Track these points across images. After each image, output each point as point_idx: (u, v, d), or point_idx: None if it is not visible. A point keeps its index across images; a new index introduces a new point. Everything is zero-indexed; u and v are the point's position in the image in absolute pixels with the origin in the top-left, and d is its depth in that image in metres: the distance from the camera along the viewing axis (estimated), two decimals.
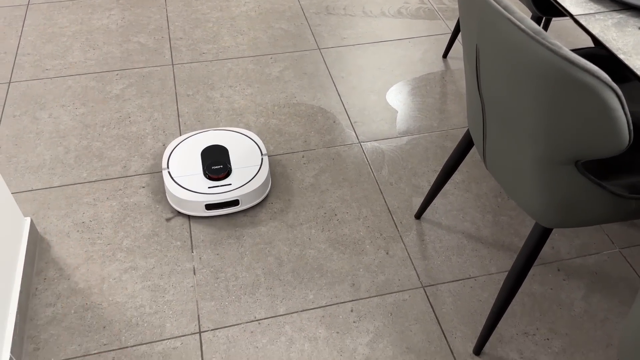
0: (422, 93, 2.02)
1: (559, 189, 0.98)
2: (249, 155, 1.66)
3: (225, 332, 1.34)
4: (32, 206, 1.61)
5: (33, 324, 1.35)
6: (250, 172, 1.61)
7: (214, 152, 1.65)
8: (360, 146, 1.82)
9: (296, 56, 2.16)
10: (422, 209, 1.59)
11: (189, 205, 1.55)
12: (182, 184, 1.57)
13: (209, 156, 1.64)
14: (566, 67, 0.78)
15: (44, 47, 2.16)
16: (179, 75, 2.06)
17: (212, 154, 1.65)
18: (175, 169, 1.61)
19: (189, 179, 1.58)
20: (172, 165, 1.62)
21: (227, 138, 1.71)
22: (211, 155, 1.64)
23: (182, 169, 1.61)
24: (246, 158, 1.65)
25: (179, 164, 1.63)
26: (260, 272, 1.47)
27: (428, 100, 2.00)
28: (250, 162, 1.63)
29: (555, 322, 1.38)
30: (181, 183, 1.57)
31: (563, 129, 0.86)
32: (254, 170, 1.62)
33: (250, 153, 1.66)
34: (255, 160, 1.64)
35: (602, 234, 1.58)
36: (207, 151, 1.66)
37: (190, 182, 1.58)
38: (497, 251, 1.53)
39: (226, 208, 1.57)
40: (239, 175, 1.60)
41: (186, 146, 1.68)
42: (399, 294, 1.43)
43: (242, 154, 1.66)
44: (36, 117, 1.88)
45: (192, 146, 1.68)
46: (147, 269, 1.47)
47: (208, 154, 1.65)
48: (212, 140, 1.70)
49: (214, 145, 1.68)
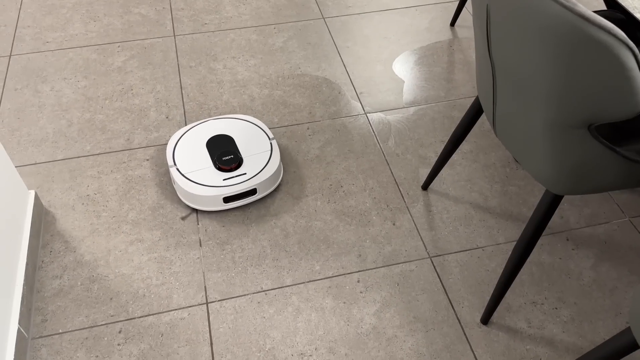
0: (429, 62, 1.98)
1: (571, 154, 0.95)
2: (257, 142, 1.59)
3: (232, 302, 1.34)
4: (36, 179, 1.60)
5: (40, 296, 1.35)
6: (262, 159, 1.56)
7: (220, 142, 1.58)
8: (366, 117, 1.80)
9: (300, 26, 2.12)
10: (429, 180, 1.57)
11: (205, 200, 1.49)
12: (195, 180, 1.50)
13: (216, 147, 1.57)
14: (581, 24, 0.75)
15: (44, 19, 2.13)
16: (181, 46, 2.03)
17: (219, 145, 1.57)
18: (183, 164, 1.53)
19: (201, 174, 1.51)
20: (179, 161, 1.54)
21: (230, 126, 1.64)
22: (218, 146, 1.57)
23: (190, 164, 1.54)
24: (255, 145, 1.59)
25: (185, 159, 1.54)
26: (266, 244, 1.46)
27: (435, 70, 1.96)
28: (259, 148, 1.58)
29: (564, 291, 1.37)
30: (193, 179, 1.50)
31: (577, 90, 0.83)
32: (265, 157, 1.56)
33: (257, 139, 1.60)
34: (264, 146, 1.58)
35: (612, 203, 1.56)
36: (212, 142, 1.58)
37: (203, 177, 1.51)
38: (505, 221, 1.52)
39: (244, 199, 1.52)
40: (252, 164, 1.54)
41: (189, 139, 1.60)
42: (405, 265, 1.42)
43: (250, 140, 1.60)
44: (38, 90, 1.86)
45: (195, 139, 1.60)
46: (153, 241, 1.46)
47: (214, 145, 1.57)
48: (215, 131, 1.62)
49: (218, 135, 1.60)
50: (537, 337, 1.29)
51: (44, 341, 1.28)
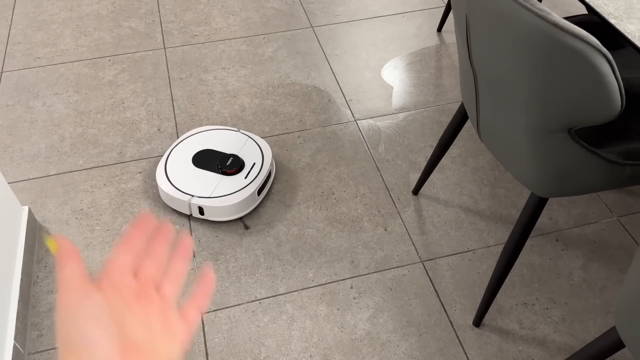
0: (417, 68, 2.01)
1: (553, 157, 0.97)
2: (235, 140, 1.63)
3: (227, 312, 1.36)
4: (30, 195, 1.61)
5: (35, 312, 1.36)
6: (252, 149, 1.60)
7: (208, 156, 1.57)
8: (356, 124, 1.82)
9: (289, 35, 2.14)
10: (419, 185, 1.59)
11: (245, 203, 1.50)
12: (226, 193, 1.49)
13: (209, 161, 1.56)
14: (555, 33, 0.77)
15: (34, 35, 2.15)
16: (172, 58, 2.04)
17: (208, 159, 1.57)
18: (199, 190, 1.50)
19: (222, 187, 1.50)
20: (192, 190, 1.50)
21: (205, 140, 1.63)
22: (208, 160, 1.56)
23: (203, 187, 1.51)
24: (235, 143, 1.63)
25: (196, 185, 1.52)
26: (259, 253, 1.47)
27: (423, 75, 1.98)
28: (240, 143, 1.61)
29: (555, 291, 1.39)
30: (224, 193, 1.49)
31: (555, 96, 0.85)
32: (251, 144, 1.61)
33: (233, 138, 1.64)
34: (242, 140, 1.63)
35: (600, 202, 1.58)
36: (200, 160, 1.57)
37: (228, 188, 1.50)
38: (495, 224, 1.54)
39: (267, 184, 1.59)
40: (249, 156, 1.58)
41: (174, 169, 1.55)
42: (398, 270, 1.44)
43: (229, 143, 1.62)
44: (30, 106, 1.87)
45: (181, 166, 1.56)
46: None
47: (204, 161, 1.56)
48: (193, 149, 1.60)
49: (202, 151, 1.59)
50: (529, 338, 1.31)
51: (40, 357, 1.28)
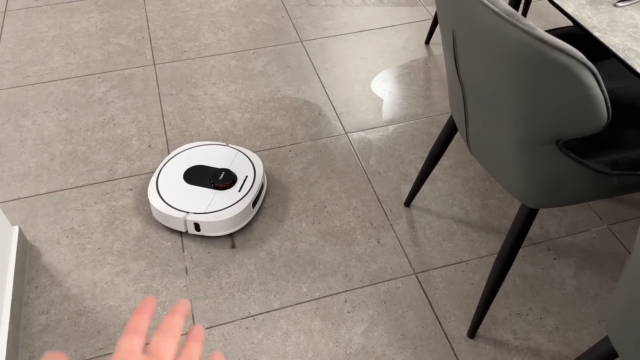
0: (406, 80, 2.02)
1: (542, 169, 0.98)
2: (225, 154, 1.64)
3: (221, 329, 1.35)
4: (20, 214, 1.60)
5: (27, 333, 1.34)
6: (243, 162, 1.61)
7: (199, 172, 1.58)
8: (347, 137, 1.82)
9: (278, 50, 2.15)
10: (411, 197, 1.59)
11: (241, 216, 1.50)
12: (221, 207, 1.49)
13: (200, 177, 1.56)
14: (540, 47, 0.78)
15: (23, 53, 2.14)
16: (162, 75, 2.05)
17: (199, 174, 1.57)
18: (193, 206, 1.50)
19: (216, 202, 1.50)
20: (187, 206, 1.50)
21: (194, 156, 1.63)
22: (200, 175, 1.57)
23: (198, 203, 1.51)
24: (225, 158, 1.63)
25: (190, 202, 1.51)
26: (252, 268, 1.47)
27: (412, 88, 2.00)
28: (230, 157, 1.62)
29: (547, 301, 1.39)
30: (220, 207, 1.49)
31: (541, 109, 0.86)
32: (241, 158, 1.62)
33: (222, 152, 1.64)
34: (232, 153, 1.63)
35: (590, 211, 1.59)
36: (191, 176, 1.57)
37: (223, 202, 1.50)
38: (486, 234, 1.54)
39: (261, 195, 1.59)
40: (240, 169, 1.59)
41: (166, 187, 1.55)
42: (391, 282, 1.44)
43: (219, 157, 1.63)
44: (19, 124, 1.86)
45: (173, 183, 1.56)
46: (139, 271, 1.46)
47: (195, 177, 1.57)
48: (184, 166, 1.60)
49: (193, 167, 1.59)
50: (523, 348, 1.31)
51: None
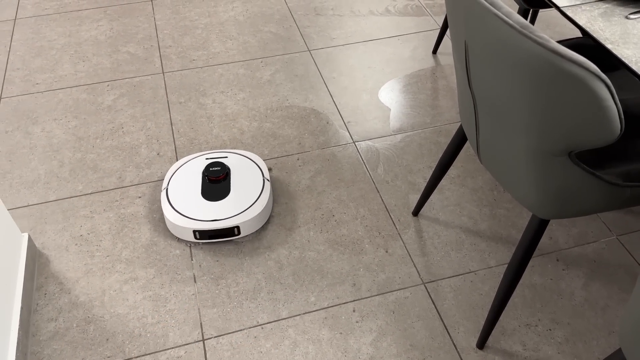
0: (414, 90, 2.03)
1: (554, 180, 0.98)
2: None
3: (229, 338, 1.34)
4: (29, 222, 1.60)
5: (35, 340, 1.34)
6: (251, 196, 1.61)
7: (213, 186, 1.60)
8: (355, 146, 1.83)
9: (286, 59, 2.16)
10: (419, 206, 1.59)
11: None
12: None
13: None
14: (554, 59, 0.78)
15: (33, 61, 2.16)
16: (170, 83, 2.06)
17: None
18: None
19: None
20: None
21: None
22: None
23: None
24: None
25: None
26: (260, 277, 1.47)
27: (420, 97, 2.00)
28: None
29: (557, 312, 1.39)
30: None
31: (554, 121, 0.86)
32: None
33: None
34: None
35: (599, 222, 1.59)
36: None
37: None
38: (495, 244, 1.54)
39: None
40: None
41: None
42: (400, 292, 1.43)
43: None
44: (29, 132, 1.88)
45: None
46: (148, 279, 1.46)
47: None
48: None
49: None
50: None
51: None
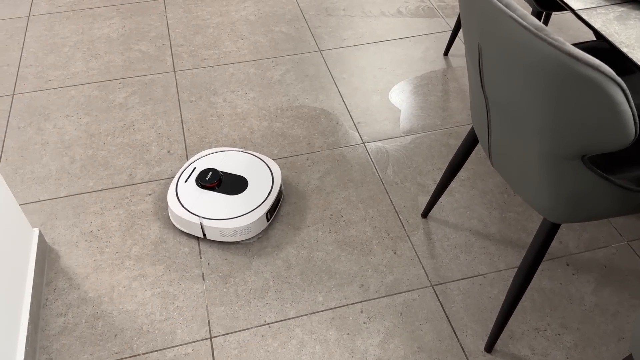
0: (425, 91, 2.02)
1: (566, 184, 0.98)
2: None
3: (236, 336, 1.35)
4: (40, 217, 1.61)
5: (45, 335, 1.35)
6: (261, 170, 1.60)
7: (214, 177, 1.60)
8: (365, 147, 1.82)
9: (297, 59, 2.16)
10: (428, 208, 1.59)
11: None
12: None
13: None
14: (570, 62, 0.78)
15: (46, 58, 2.17)
16: (181, 81, 2.07)
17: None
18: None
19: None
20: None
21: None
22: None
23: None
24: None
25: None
26: (268, 276, 1.47)
27: (430, 99, 2.00)
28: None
29: (566, 317, 1.38)
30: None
31: (568, 124, 0.86)
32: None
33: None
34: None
35: (610, 227, 1.58)
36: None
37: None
38: (505, 247, 1.53)
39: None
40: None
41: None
42: (408, 294, 1.43)
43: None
44: (41, 128, 1.89)
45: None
46: (156, 276, 1.47)
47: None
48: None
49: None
50: None
51: None
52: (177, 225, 1.56)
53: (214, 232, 1.51)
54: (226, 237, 1.51)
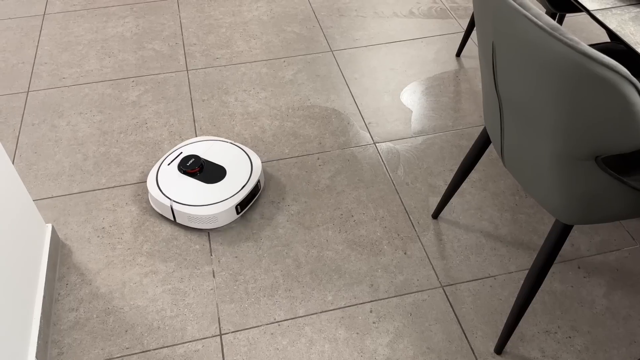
0: (436, 92, 2.02)
1: (579, 185, 0.97)
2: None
3: (246, 334, 1.35)
4: (53, 213, 1.63)
5: (57, 329, 1.37)
6: (234, 153, 1.63)
7: (195, 164, 1.64)
8: (375, 147, 1.83)
9: (309, 59, 2.17)
10: (439, 209, 1.58)
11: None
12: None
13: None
14: (585, 62, 0.77)
15: (60, 56, 2.20)
16: (194, 80, 2.08)
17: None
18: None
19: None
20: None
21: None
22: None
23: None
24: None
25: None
26: (278, 274, 1.47)
27: (442, 100, 1.99)
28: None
29: (577, 320, 1.37)
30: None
31: (582, 124, 0.85)
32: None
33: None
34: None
35: (622, 230, 1.57)
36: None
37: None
38: (516, 249, 1.52)
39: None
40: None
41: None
42: (418, 294, 1.43)
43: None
44: (54, 125, 1.91)
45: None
46: (167, 273, 1.48)
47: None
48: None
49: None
50: None
51: None
52: (153, 206, 1.61)
53: (183, 217, 1.55)
54: (194, 224, 1.55)
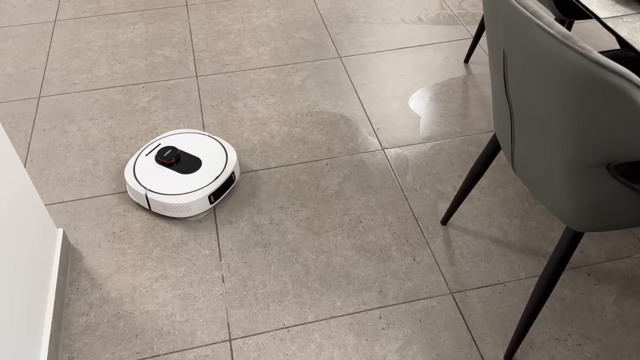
0: (445, 98, 2.02)
1: (590, 192, 0.97)
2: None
3: (255, 339, 1.36)
4: (64, 217, 1.64)
5: (67, 333, 1.37)
6: (211, 145, 1.68)
7: (168, 151, 1.69)
8: (384, 153, 1.83)
9: (317, 65, 2.18)
10: (448, 215, 1.58)
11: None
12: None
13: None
14: (596, 70, 0.78)
15: (71, 62, 2.22)
16: (203, 86, 2.09)
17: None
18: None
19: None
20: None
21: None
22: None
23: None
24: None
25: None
26: (287, 280, 1.48)
27: (450, 106, 1.99)
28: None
29: (587, 327, 1.36)
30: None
31: (594, 132, 0.85)
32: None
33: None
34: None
35: (633, 237, 1.56)
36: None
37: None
38: (525, 256, 1.52)
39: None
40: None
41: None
42: (427, 301, 1.43)
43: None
44: (65, 130, 1.93)
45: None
46: (177, 278, 1.49)
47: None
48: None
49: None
50: None
51: None
52: (130, 194, 1.66)
53: (157, 205, 1.59)
54: (168, 212, 1.59)
